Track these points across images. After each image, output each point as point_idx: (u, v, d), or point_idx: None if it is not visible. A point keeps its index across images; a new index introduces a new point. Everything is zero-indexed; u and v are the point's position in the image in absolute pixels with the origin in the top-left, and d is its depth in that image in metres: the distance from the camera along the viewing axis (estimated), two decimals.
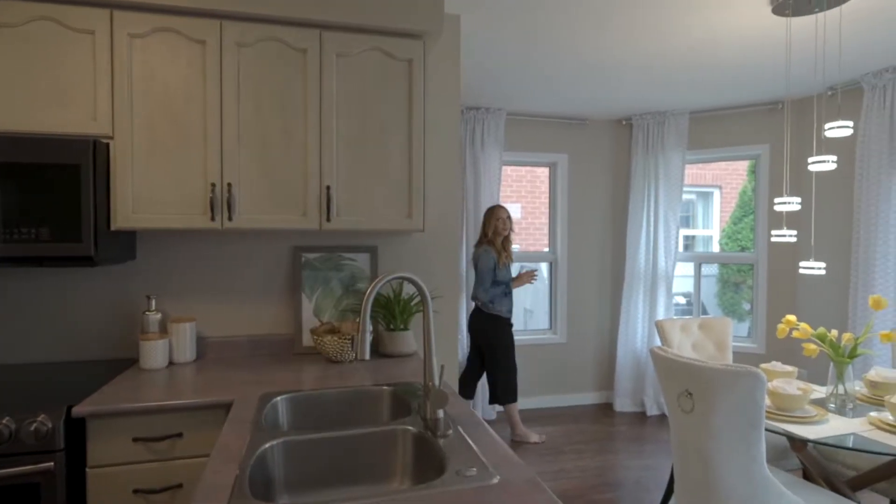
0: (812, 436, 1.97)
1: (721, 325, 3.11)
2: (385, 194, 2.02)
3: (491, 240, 3.71)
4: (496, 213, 3.73)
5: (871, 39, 2.81)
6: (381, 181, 2.01)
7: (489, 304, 3.69)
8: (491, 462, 1.16)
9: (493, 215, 3.73)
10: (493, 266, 3.66)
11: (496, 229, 3.71)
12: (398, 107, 2.03)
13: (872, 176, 3.32)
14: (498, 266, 3.67)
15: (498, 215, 3.72)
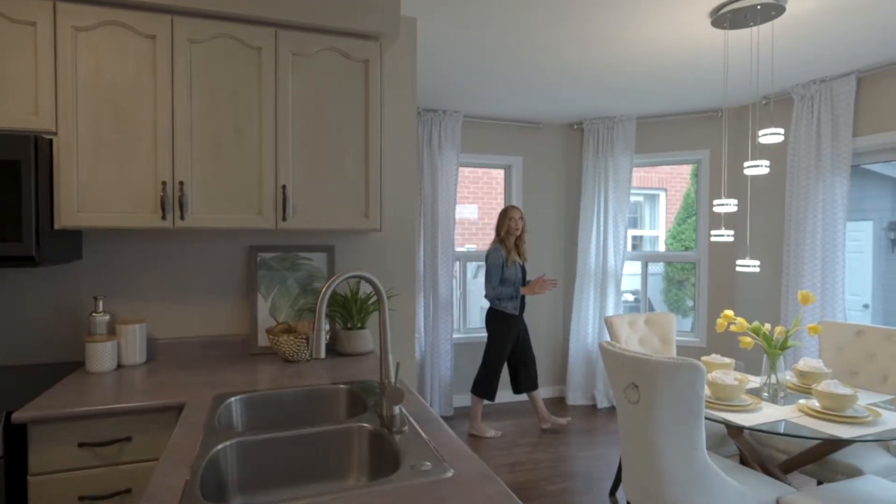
0: (747, 423, 2.07)
1: (665, 320, 3.23)
2: (342, 194, 2.00)
3: (503, 239, 3.79)
4: (509, 213, 3.79)
5: (800, 53, 2.98)
6: (338, 181, 1.99)
7: (497, 302, 3.78)
8: (445, 456, 1.16)
9: (506, 215, 3.80)
10: (500, 264, 3.73)
11: (508, 229, 3.77)
12: (355, 107, 2.01)
13: (801, 180, 3.52)
14: (506, 264, 3.74)
15: (511, 215, 3.78)
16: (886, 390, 2.53)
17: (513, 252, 3.75)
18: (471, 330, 4.68)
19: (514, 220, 3.74)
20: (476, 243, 7.52)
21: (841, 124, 3.32)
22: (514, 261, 3.75)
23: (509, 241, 3.76)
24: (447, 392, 4.24)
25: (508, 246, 3.75)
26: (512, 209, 3.78)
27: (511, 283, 3.74)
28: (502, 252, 3.73)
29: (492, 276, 3.74)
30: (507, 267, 3.73)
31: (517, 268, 3.77)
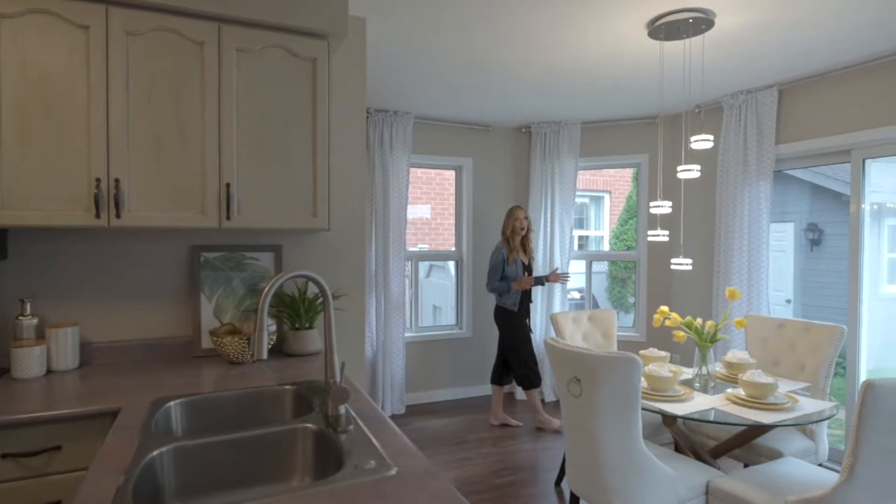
0: (681, 412, 2.16)
1: (607, 316, 3.33)
2: (289, 193, 1.95)
3: (508, 238, 3.85)
4: (514, 213, 3.85)
5: (728, 65, 3.13)
6: (285, 179, 1.94)
7: (499, 298, 3.85)
8: (390, 454, 1.15)
9: (511, 215, 3.86)
10: (500, 261, 3.81)
11: (514, 228, 3.83)
12: (302, 105, 1.96)
13: (730, 183, 3.71)
14: (507, 262, 3.80)
15: (516, 215, 3.84)
16: (804, 378, 2.69)
17: (517, 250, 3.82)
18: (423, 328, 4.67)
19: (518, 220, 3.82)
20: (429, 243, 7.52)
21: (765, 133, 3.52)
22: (517, 259, 3.82)
23: (515, 239, 3.84)
24: (400, 390, 4.21)
25: (514, 244, 3.83)
26: (517, 209, 3.85)
27: (511, 281, 3.80)
28: (504, 251, 3.82)
29: (492, 272, 3.84)
30: (507, 265, 3.81)
31: (518, 265, 3.83)
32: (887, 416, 1.63)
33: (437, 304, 6.31)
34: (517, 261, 3.82)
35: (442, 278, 6.40)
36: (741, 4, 2.34)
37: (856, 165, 3.20)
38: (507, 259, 3.79)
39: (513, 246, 3.80)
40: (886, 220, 5.42)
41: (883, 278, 5.57)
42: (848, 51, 2.90)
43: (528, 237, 3.89)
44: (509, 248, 3.80)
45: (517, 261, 3.82)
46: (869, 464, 1.67)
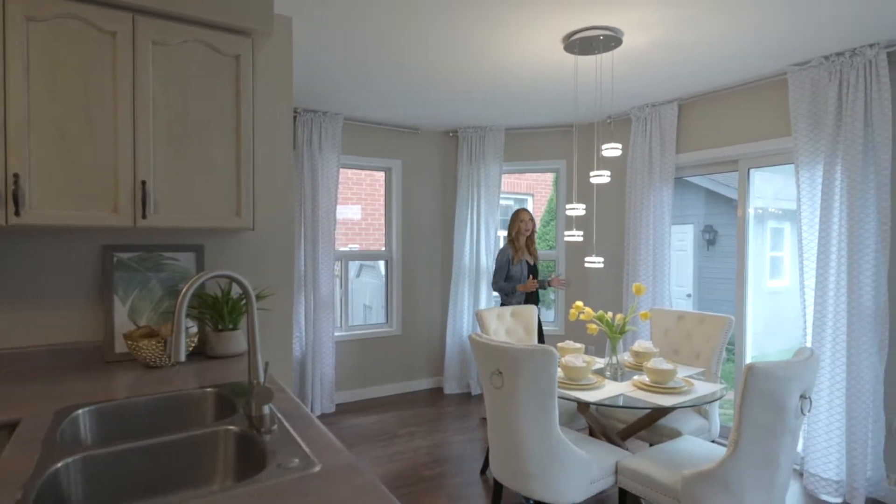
0: (593, 399, 2.28)
1: (529, 312, 3.44)
2: (211, 191, 1.85)
3: (514, 239, 3.84)
4: (520, 215, 3.86)
5: (635, 80, 3.34)
6: (206, 178, 1.84)
7: (504, 297, 3.83)
8: (314, 451, 1.13)
9: (517, 218, 3.87)
10: (505, 262, 3.83)
11: (519, 230, 3.83)
12: (225, 103, 1.88)
13: (637, 188, 3.95)
14: (512, 263, 3.81)
15: (521, 217, 3.85)
16: (699, 364, 2.92)
17: (522, 251, 3.84)
18: (353, 327, 4.61)
19: (524, 223, 3.84)
20: (360, 243, 7.42)
21: (667, 143, 3.78)
22: (521, 260, 3.83)
23: (520, 241, 3.86)
24: (330, 389, 4.13)
25: (518, 246, 3.84)
26: (522, 212, 3.87)
27: (516, 280, 3.82)
28: (509, 252, 3.84)
29: (497, 273, 3.86)
30: (512, 265, 3.83)
31: (523, 266, 3.85)
32: (764, 395, 1.80)
33: (368, 304, 6.25)
34: (522, 261, 3.85)
35: (372, 278, 6.34)
36: (645, 25, 2.50)
37: (742, 174, 3.51)
38: (512, 260, 3.83)
39: (518, 247, 3.84)
40: (769, 223, 6.00)
41: (766, 274, 6.16)
42: (737, 71, 3.18)
43: (533, 238, 3.93)
44: (514, 249, 3.83)
45: (522, 261, 3.85)
46: (750, 438, 1.85)
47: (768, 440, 1.85)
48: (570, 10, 2.34)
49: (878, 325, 2.69)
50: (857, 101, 2.71)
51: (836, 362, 2.79)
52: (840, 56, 2.79)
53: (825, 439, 2.83)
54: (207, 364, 1.92)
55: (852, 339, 2.72)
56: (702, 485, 1.91)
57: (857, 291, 2.71)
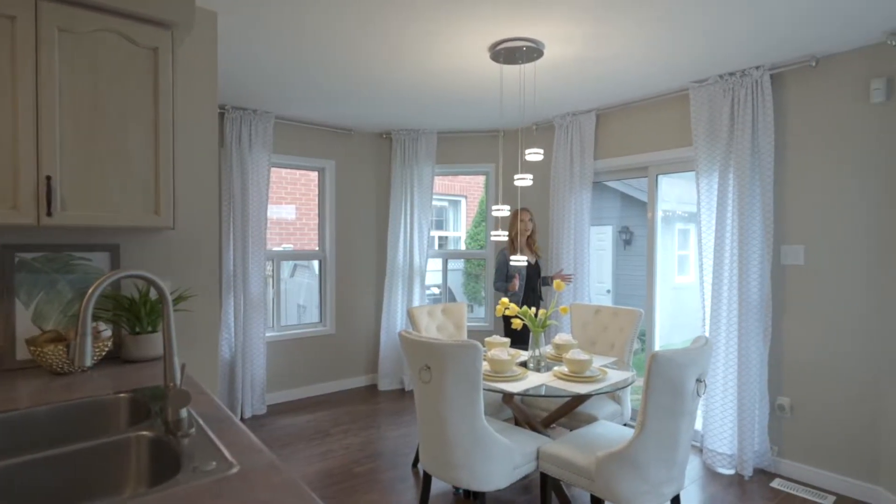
0: (517, 390, 2.34)
1: (458, 309, 3.48)
2: (126, 189, 1.73)
3: (513, 238, 3.74)
4: (519, 215, 3.76)
5: (556, 90, 3.47)
6: (121, 174, 1.72)
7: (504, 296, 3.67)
8: (234, 453, 1.09)
9: (516, 218, 3.77)
10: (503, 262, 3.79)
11: (518, 230, 3.74)
12: (142, 97, 1.76)
13: (560, 191, 4.11)
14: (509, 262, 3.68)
15: (521, 217, 3.76)
16: (614, 354, 3.08)
17: (522, 250, 3.78)
18: (286, 327, 4.46)
19: (523, 222, 3.78)
20: (294, 243, 7.20)
21: (586, 149, 3.96)
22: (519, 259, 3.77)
23: (520, 240, 3.79)
24: (261, 390, 3.98)
25: (518, 245, 3.78)
26: (522, 212, 3.80)
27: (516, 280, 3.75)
28: (507, 251, 3.79)
29: (497, 272, 3.82)
30: (510, 265, 3.76)
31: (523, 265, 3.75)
32: (666, 380, 1.93)
33: (302, 303, 6.07)
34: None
35: (307, 277, 6.17)
36: (564, 39, 2.61)
37: (651, 180, 3.74)
38: (508, 259, 3.77)
39: (517, 246, 3.78)
40: (676, 225, 6.43)
41: (674, 271, 6.60)
42: (647, 86, 3.39)
43: (534, 238, 3.88)
44: (513, 249, 3.78)
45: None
46: (654, 419, 1.97)
47: (670, 421, 1.99)
48: (495, 21, 2.39)
49: (762, 315, 2.96)
50: (746, 116, 2.97)
51: (730, 349, 3.04)
52: (732, 76, 3.04)
53: (720, 418, 3.08)
54: (123, 369, 1.79)
55: (742, 327, 2.98)
56: (613, 465, 2.01)
57: (746, 285, 2.97)
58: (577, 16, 2.34)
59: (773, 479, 2.94)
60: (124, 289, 2.01)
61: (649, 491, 2.04)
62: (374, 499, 2.70)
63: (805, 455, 2.92)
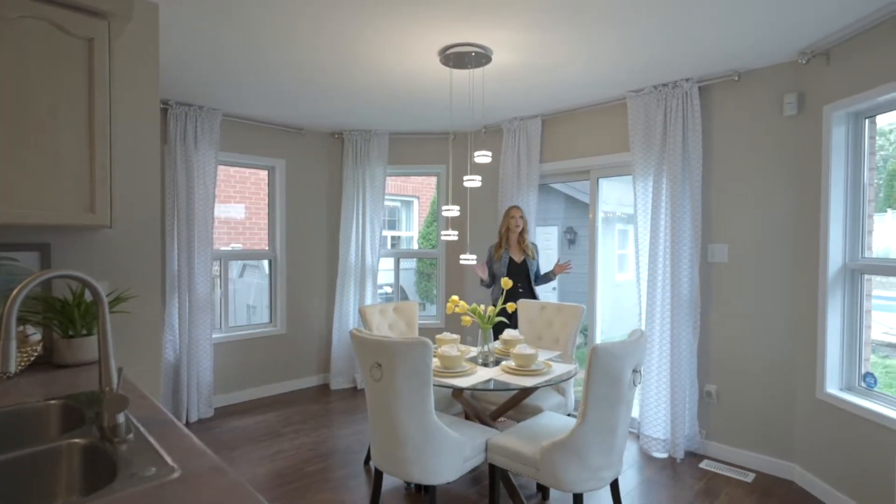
0: (466, 385, 2.36)
1: (410, 307, 3.47)
2: (58, 185, 1.61)
3: (502, 235, 3.64)
4: (509, 212, 3.66)
5: (504, 95, 3.53)
6: (52, 170, 1.60)
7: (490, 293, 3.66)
8: (175, 457, 1.04)
9: (507, 214, 3.69)
10: (487, 258, 3.73)
11: (509, 226, 3.63)
12: (76, 89, 1.64)
13: (508, 193, 4.18)
14: (493, 259, 3.65)
15: (511, 214, 3.65)
16: (558, 348, 3.17)
17: (510, 248, 3.68)
18: (234, 328, 4.30)
19: (514, 219, 3.65)
20: (243, 242, 6.95)
21: (533, 153, 4.05)
22: (503, 256, 3.66)
23: (510, 237, 3.68)
24: (207, 393, 3.81)
25: (506, 243, 3.68)
26: (513, 209, 3.68)
27: (498, 276, 3.64)
28: (492, 248, 3.72)
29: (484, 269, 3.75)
30: (494, 261, 3.68)
31: (504, 262, 3.66)
32: (605, 371, 2.01)
33: (252, 304, 5.87)
34: (504, 258, 3.67)
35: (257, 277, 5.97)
36: (512, 47, 2.65)
37: (593, 182, 3.88)
38: (493, 256, 3.71)
39: (504, 244, 3.69)
40: (616, 225, 6.68)
41: (614, 269, 6.85)
42: (589, 94, 3.50)
43: (524, 236, 3.70)
44: (498, 246, 3.70)
45: (504, 258, 3.67)
46: (595, 409, 2.04)
47: (608, 410, 2.07)
48: (445, 26, 2.40)
49: (692, 309, 3.13)
50: (677, 124, 3.12)
51: (663, 341, 3.20)
52: (665, 86, 3.20)
53: (655, 406, 3.23)
54: (55, 374, 1.67)
55: (674, 321, 3.14)
56: (556, 453, 2.07)
57: (677, 282, 3.13)
58: (523, 24, 2.39)
59: (702, 460, 3.12)
60: (57, 290, 1.87)
61: (590, 477, 2.11)
62: (326, 498, 2.65)
63: (729, 437, 3.12)
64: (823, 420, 2.64)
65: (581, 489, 2.11)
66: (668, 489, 2.78)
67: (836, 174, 2.61)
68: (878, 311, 2.69)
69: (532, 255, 3.67)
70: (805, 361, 2.78)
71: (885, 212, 2.66)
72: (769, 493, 2.72)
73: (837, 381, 2.64)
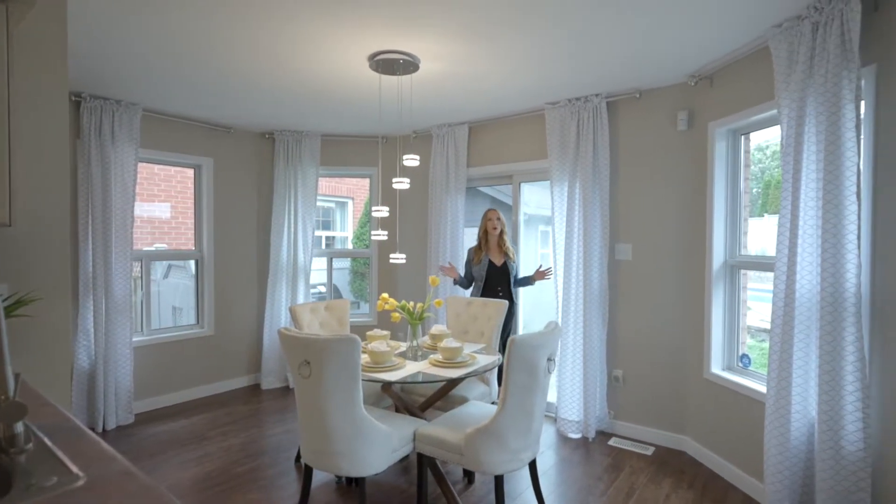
0: (395, 378, 2.36)
1: (341, 305, 3.41)
2: None
3: (481, 238, 3.54)
4: (486, 215, 3.56)
5: (432, 102, 3.56)
6: None
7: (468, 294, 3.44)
8: (81, 465, 0.96)
9: (484, 217, 3.56)
10: (467, 261, 3.59)
11: (486, 229, 3.45)
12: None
13: (437, 195, 4.22)
14: (472, 262, 3.47)
15: (488, 216, 3.54)
16: (483, 341, 3.24)
17: (489, 251, 3.52)
18: (158, 331, 4.01)
19: (491, 221, 3.50)
20: (169, 242, 6.50)
21: (460, 158, 4.12)
22: (483, 259, 3.49)
23: (488, 240, 3.51)
24: (127, 398, 3.53)
25: (485, 246, 3.51)
26: (490, 211, 3.53)
27: (478, 280, 3.49)
28: (471, 251, 3.59)
29: (463, 273, 3.62)
30: (474, 265, 3.50)
31: (484, 266, 3.49)
32: (523, 360, 2.09)
33: (178, 305, 5.50)
34: (484, 261, 3.51)
35: (183, 278, 5.60)
36: (437, 56, 2.68)
37: (515, 186, 4.01)
38: (472, 259, 3.55)
39: (483, 247, 3.53)
40: (538, 226, 6.93)
41: (537, 267, 7.10)
42: (511, 104, 3.62)
43: (503, 239, 3.53)
44: (477, 249, 3.55)
45: (484, 261, 3.51)
46: (513, 396, 2.12)
47: (526, 396, 2.15)
48: (373, 32, 2.38)
49: (602, 302, 3.33)
50: (588, 135, 3.31)
51: (577, 331, 3.37)
52: (578, 100, 3.37)
53: (570, 390, 3.40)
54: None
55: (587, 313, 3.32)
56: (478, 439, 2.13)
57: (589, 278, 3.31)
58: (448, 35, 2.42)
59: (611, 438, 3.33)
60: None
61: (510, 459, 2.19)
62: (255, 497, 2.54)
63: (633, 416, 3.35)
64: (709, 397, 2.92)
65: (502, 471, 2.18)
66: (581, 466, 2.94)
67: (718, 183, 2.89)
68: (756, 302, 3.01)
69: (512, 258, 3.54)
70: (694, 346, 3.05)
71: (762, 216, 2.98)
72: (665, 464, 2.96)
73: (720, 362, 2.92)
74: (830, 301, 1.96)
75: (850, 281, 1.91)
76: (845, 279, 1.92)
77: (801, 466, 2.12)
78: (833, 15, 1.96)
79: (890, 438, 1.89)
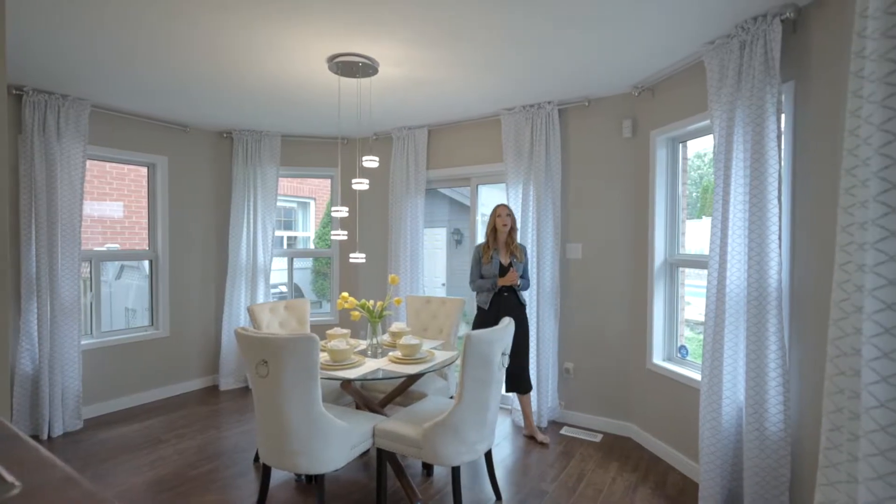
0: (354, 375, 2.33)
1: (301, 304, 3.34)
2: None
3: (488, 235, 3.21)
4: (496, 210, 3.21)
5: (392, 105, 3.53)
6: None
7: (476, 296, 3.22)
8: (18, 473, 0.89)
9: (493, 213, 3.23)
10: (476, 260, 3.25)
11: (495, 226, 3.16)
12: None
13: (397, 196, 4.20)
14: (482, 260, 3.17)
15: (497, 213, 3.19)
16: (442, 338, 3.26)
17: (497, 249, 3.19)
18: (108, 333, 3.79)
19: (500, 217, 3.16)
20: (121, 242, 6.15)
21: (420, 160, 4.11)
22: (493, 258, 3.16)
23: (497, 237, 3.20)
24: (75, 404, 3.31)
25: (493, 243, 3.19)
26: (500, 207, 3.20)
27: (491, 279, 3.15)
28: (479, 249, 3.24)
29: (470, 274, 3.28)
30: (483, 264, 3.19)
31: (495, 265, 3.16)
32: (478, 356, 2.11)
33: (131, 307, 5.22)
34: (494, 260, 3.17)
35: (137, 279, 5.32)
36: (395, 60, 2.67)
37: (473, 188, 4.04)
38: (481, 257, 3.21)
39: (491, 245, 3.19)
40: None
41: None
42: (469, 109, 3.64)
43: (513, 236, 3.19)
44: (486, 247, 3.22)
45: (494, 260, 3.17)
46: (470, 390, 2.14)
47: (482, 389, 2.18)
48: (331, 35, 2.34)
49: (554, 299, 3.41)
50: (541, 141, 3.38)
51: (532, 327, 3.44)
52: (532, 107, 3.44)
53: None
54: None
55: (540, 309, 3.39)
56: (436, 433, 2.13)
57: (542, 276, 3.39)
58: (406, 41, 2.42)
59: (562, 427, 3.41)
60: None
61: (467, 450, 2.21)
62: (212, 499, 2.44)
63: (582, 405, 3.45)
64: (651, 385, 3.05)
65: (458, 462, 2.20)
66: (535, 455, 3.00)
67: (659, 187, 3.02)
68: (693, 297, 3.16)
69: (520, 258, 3.18)
70: (638, 338, 3.18)
71: (700, 218, 3.14)
72: (612, 449, 3.07)
73: (661, 352, 3.06)
74: (756, 295, 2.09)
75: (773, 277, 2.05)
76: (769, 275, 2.06)
77: (731, 447, 2.25)
78: (758, 35, 2.09)
79: (806, 420, 2.04)
